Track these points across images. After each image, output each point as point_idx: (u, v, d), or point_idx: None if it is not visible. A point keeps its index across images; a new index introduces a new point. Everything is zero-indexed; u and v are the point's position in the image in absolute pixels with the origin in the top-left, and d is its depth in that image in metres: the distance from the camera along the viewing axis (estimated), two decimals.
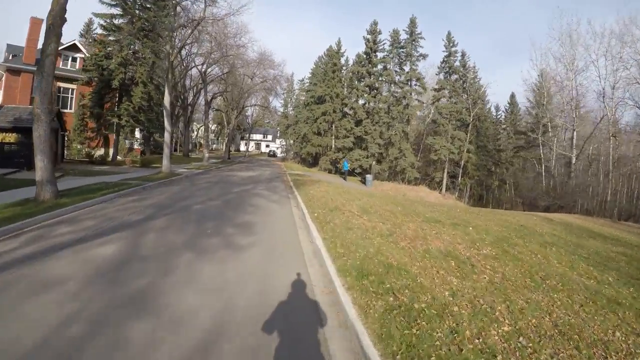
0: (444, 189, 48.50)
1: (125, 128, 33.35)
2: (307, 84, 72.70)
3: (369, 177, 40.57)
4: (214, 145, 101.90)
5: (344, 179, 41.47)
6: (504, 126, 64.70)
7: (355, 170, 43.07)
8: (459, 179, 49.54)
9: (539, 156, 47.56)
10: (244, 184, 24.04)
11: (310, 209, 14.89)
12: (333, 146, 57.81)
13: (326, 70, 61.18)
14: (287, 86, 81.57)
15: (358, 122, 51.76)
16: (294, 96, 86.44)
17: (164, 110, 27.80)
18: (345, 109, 57.12)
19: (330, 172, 56.62)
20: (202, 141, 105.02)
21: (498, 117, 67.57)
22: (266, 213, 14.05)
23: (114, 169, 28.20)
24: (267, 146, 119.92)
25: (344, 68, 61.98)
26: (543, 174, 45.58)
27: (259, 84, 55.91)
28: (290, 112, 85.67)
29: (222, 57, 43.13)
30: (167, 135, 27.51)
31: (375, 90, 51.88)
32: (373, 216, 13.65)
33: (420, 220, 13.89)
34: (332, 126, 58.46)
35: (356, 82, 53.90)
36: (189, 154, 59.12)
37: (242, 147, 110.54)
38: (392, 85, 51.05)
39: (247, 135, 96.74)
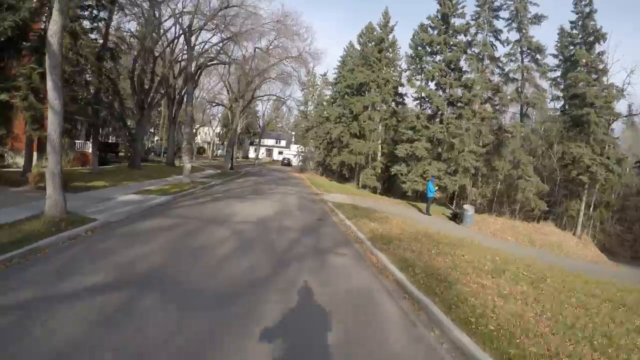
0: (579, 229, 30.78)
1: (26, 113, 16.67)
2: (335, 75, 55.66)
3: (468, 209, 23.21)
4: (219, 152, 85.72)
5: (427, 211, 24.26)
6: None
7: (429, 194, 25.13)
8: (591, 209, 31.93)
9: None
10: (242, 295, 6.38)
11: None
12: (380, 154, 41.04)
13: (365, 53, 44.45)
14: (307, 80, 65.00)
15: (431, 117, 34.76)
16: (317, 92, 69.30)
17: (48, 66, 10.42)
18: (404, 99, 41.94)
19: (375, 191, 39.71)
20: (205, 145, 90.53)
21: None
22: None
23: None
24: (280, 153, 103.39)
25: (391, 49, 44.64)
26: None
27: (276, 62, 38.79)
28: (311, 111, 68.59)
29: (217, 13, 26.61)
30: (52, 125, 10.17)
31: (458, 72, 34.95)
32: None
33: None
34: (379, 125, 41.54)
35: (425, 58, 36.84)
36: (178, 162, 42.75)
37: (252, 154, 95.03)
38: (490, 62, 33.83)
39: (258, 139, 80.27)
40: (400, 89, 43.88)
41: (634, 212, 33.54)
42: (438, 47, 34.96)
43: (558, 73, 34.09)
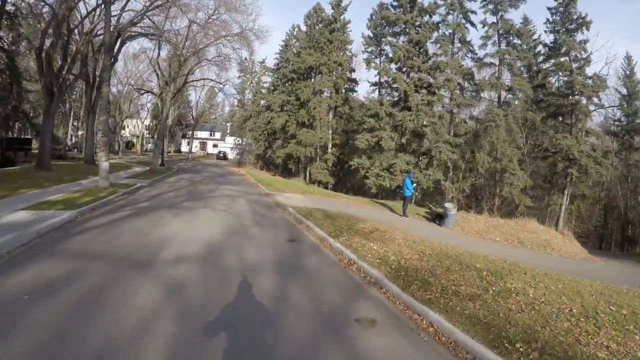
0: (560, 224, 28.34)
1: None
2: (277, 61, 50.54)
3: (450, 208, 19.36)
4: (149, 146, 78.32)
5: (404, 212, 20.09)
6: None
7: (403, 190, 20.97)
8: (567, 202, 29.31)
9: None
10: None
11: None
12: (331, 145, 36.93)
13: (313, 35, 40.32)
14: (246, 67, 59.36)
15: (395, 104, 30.81)
16: (255, 79, 63.33)
17: None
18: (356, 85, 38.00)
19: (327, 186, 35.64)
20: (134, 139, 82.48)
21: None
22: None
23: None
24: (215, 146, 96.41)
25: (342, 32, 40.16)
26: None
27: (215, 40, 33.15)
28: (249, 100, 62.56)
29: None
30: None
31: (425, 55, 31.11)
32: None
33: None
34: (330, 114, 37.34)
35: (388, 39, 32.75)
36: (96, 159, 36.67)
37: (184, 148, 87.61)
38: (462, 45, 30.08)
39: (191, 132, 73.74)
40: (352, 75, 39.81)
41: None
42: (403, 26, 31.00)
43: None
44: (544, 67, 32.30)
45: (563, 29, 29.22)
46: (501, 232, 19.25)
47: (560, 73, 29.96)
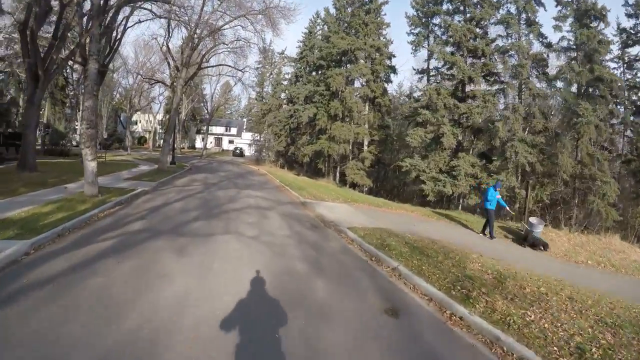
0: None
1: None
2: (300, 49, 45.50)
3: (536, 224, 14.69)
4: (162, 141, 73.40)
5: (490, 232, 14.82)
6: None
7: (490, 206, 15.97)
8: None
9: None
10: None
11: None
12: (367, 142, 32.07)
13: (342, 18, 35.75)
14: (264, 59, 54.62)
15: (452, 94, 25.74)
16: (275, 70, 58.23)
17: None
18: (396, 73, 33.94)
19: (366, 190, 30.93)
20: (147, 134, 77.88)
21: None
22: None
23: None
24: (231, 142, 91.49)
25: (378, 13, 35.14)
26: None
27: (236, 18, 27.89)
28: (268, 93, 57.31)
29: None
30: None
31: (487, 38, 25.90)
32: None
33: None
34: (366, 106, 32.45)
35: (442, 18, 27.70)
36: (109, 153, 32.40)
37: (199, 144, 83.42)
38: (529, 27, 25.09)
39: (205, 127, 69.15)
40: (391, 62, 34.88)
41: None
42: (459, 3, 25.93)
43: None
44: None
45: None
46: (588, 252, 15.15)
47: None
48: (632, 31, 26.49)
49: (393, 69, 34.73)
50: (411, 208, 21.27)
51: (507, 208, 15.81)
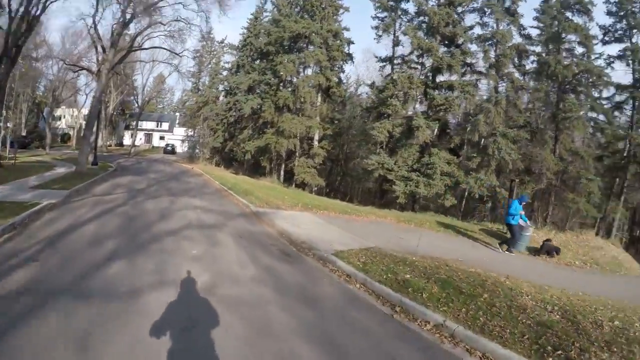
0: (613, 234, 23.96)
1: None
2: (244, 36, 41.59)
3: (526, 227, 13.91)
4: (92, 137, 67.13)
5: (513, 246, 12.97)
6: None
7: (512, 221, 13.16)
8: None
9: None
10: None
11: None
12: (317, 136, 28.96)
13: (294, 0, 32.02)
14: (202, 47, 50.35)
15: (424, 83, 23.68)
16: (213, 60, 53.51)
17: None
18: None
19: (315, 191, 28.20)
20: (71, 131, 70.42)
21: None
22: None
23: None
24: (162, 138, 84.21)
25: None
26: None
27: None
28: (205, 84, 52.56)
29: None
30: None
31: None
32: None
33: None
34: (319, 96, 29.35)
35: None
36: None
37: (127, 141, 75.94)
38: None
39: (135, 122, 63.53)
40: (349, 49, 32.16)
41: None
42: None
43: None
44: None
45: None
46: (572, 252, 14.98)
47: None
48: (610, 29, 26.13)
49: (351, 57, 31.94)
50: (380, 212, 18.62)
51: (528, 223, 14.27)
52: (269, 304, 5.68)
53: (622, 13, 25.49)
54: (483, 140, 22.37)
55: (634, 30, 25.26)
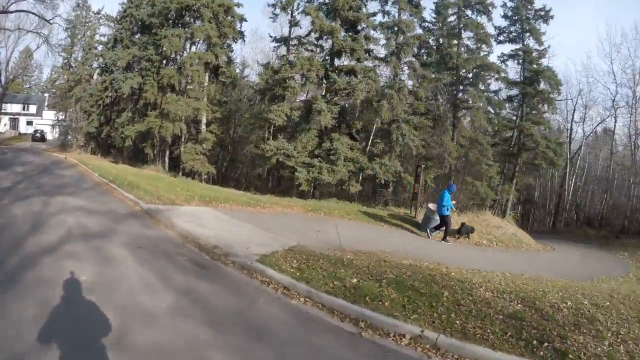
0: (507, 214, 26.98)
1: None
2: (123, 7, 37.58)
3: (435, 210, 14.73)
4: None
5: (443, 237, 14.27)
6: None
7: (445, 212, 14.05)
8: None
9: None
10: None
11: None
12: (204, 121, 27.56)
13: None
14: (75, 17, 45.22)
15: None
16: (88, 33, 48.07)
17: None
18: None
19: (202, 179, 26.97)
20: None
21: None
22: None
23: None
24: (30, 123, 74.91)
25: None
26: None
27: None
28: (79, 60, 47.34)
29: None
30: None
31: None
32: None
33: None
34: (206, 76, 27.55)
35: None
36: None
37: None
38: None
39: None
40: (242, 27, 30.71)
41: None
42: None
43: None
44: None
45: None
46: (476, 231, 15.95)
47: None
48: (504, 30, 30.00)
49: (242, 35, 30.44)
50: (284, 202, 17.65)
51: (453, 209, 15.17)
52: (208, 349, 4.23)
53: (516, 17, 28.84)
54: (386, 126, 22.57)
55: (527, 34, 28.76)
